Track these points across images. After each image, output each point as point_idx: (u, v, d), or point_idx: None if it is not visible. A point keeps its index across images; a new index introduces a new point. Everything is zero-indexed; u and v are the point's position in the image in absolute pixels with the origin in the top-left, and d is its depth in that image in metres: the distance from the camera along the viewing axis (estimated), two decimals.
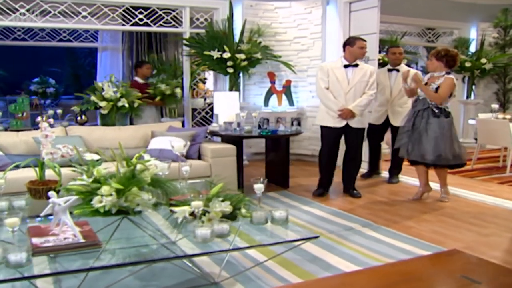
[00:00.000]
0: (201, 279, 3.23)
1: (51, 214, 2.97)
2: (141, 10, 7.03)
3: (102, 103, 5.81)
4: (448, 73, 5.01)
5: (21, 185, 3.76)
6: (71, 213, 2.89)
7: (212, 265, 3.46)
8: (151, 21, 7.12)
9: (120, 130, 5.52)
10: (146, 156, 3.51)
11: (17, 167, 3.92)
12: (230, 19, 6.97)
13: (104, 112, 5.88)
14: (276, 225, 3.15)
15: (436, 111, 4.97)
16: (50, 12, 6.45)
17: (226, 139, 5.64)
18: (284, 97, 7.55)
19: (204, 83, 8.19)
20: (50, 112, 6.26)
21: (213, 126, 5.82)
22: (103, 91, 5.88)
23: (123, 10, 6.93)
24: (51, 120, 3.80)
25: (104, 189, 3.10)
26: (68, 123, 6.02)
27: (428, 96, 4.97)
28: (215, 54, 6.77)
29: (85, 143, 5.22)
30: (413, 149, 5.06)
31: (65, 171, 3.63)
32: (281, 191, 5.64)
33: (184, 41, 7.13)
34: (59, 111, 6.48)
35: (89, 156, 3.44)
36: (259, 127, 5.73)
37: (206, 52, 6.85)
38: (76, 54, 10.99)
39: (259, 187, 3.28)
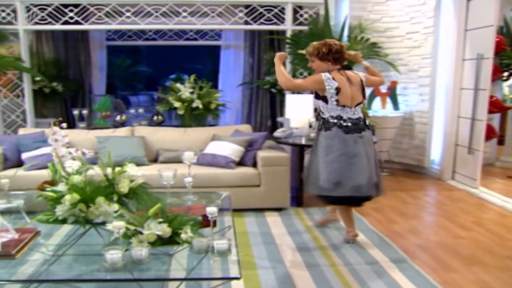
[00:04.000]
0: None
1: None
2: (241, 8, 6.93)
3: (177, 104, 5.84)
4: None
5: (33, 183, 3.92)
6: None
7: None
8: (252, 19, 6.98)
9: (184, 132, 5.48)
10: (131, 167, 3.38)
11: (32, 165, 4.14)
12: (327, 14, 6.45)
13: (180, 112, 5.91)
14: (214, 256, 2.76)
15: (320, 122, 3.94)
16: (152, 14, 6.73)
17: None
18: (388, 100, 6.76)
19: None
20: (132, 111, 6.52)
21: (278, 132, 5.44)
22: (180, 92, 5.90)
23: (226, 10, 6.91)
24: (64, 125, 3.92)
25: (66, 198, 3.07)
26: (148, 123, 6.21)
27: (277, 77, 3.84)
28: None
29: (147, 144, 5.30)
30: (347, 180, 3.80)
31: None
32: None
33: (287, 40, 6.85)
34: (141, 110, 6.70)
35: (69, 163, 3.45)
36: None
37: (299, 51, 6.46)
38: (218, 51, 11.36)
39: (211, 210, 2.92)
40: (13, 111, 6.55)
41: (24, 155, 4.80)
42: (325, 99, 3.84)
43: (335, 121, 3.85)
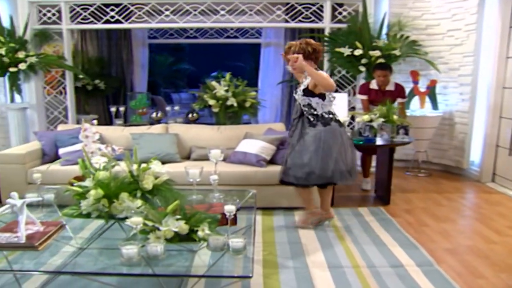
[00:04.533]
0: None
1: None
2: (279, 6, 6.92)
3: (211, 102, 5.89)
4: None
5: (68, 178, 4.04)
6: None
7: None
8: (290, 17, 6.98)
9: (218, 130, 5.52)
10: (156, 164, 3.45)
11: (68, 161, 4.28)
12: (365, 11, 6.37)
13: (215, 110, 5.96)
14: (231, 254, 2.78)
15: (312, 119, 4.00)
16: (191, 12, 6.83)
17: None
18: (427, 99, 6.60)
19: None
20: (168, 109, 6.62)
21: None
22: (215, 90, 5.95)
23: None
24: (95, 122, 4.03)
25: (91, 193, 3.17)
26: (183, 121, 6.29)
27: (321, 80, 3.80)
28: (346, 51, 6.28)
29: (180, 141, 5.37)
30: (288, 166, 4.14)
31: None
32: (376, 208, 4.94)
33: (325, 38, 6.79)
34: (176, 107, 6.79)
35: (96, 159, 3.54)
36: (360, 134, 5.12)
37: (337, 49, 6.40)
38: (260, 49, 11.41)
39: (229, 208, 2.94)
40: (56, 107, 6.79)
41: (61, 151, 4.96)
42: (322, 96, 3.99)
43: (331, 116, 4.05)
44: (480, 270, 3.50)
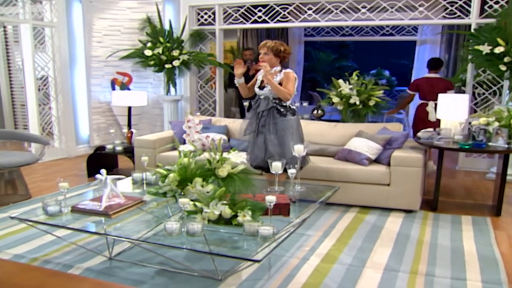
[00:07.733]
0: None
1: None
2: (422, 2, 6.71)
3: (335, 99, 6.03)
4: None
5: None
6: None
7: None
8: (433, 13, 6.72)
9: (334, 127, 5.64)
10: (234, 154, 3.85)
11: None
12: (511, 2, 5.84)
13: (340, 108, 6.08)
14: (260, 240, 3.02)
15: (282, 109, 4.51)
16: (332, 11, 7.01)
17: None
18: None
19: None
20: (296, 105, 6.86)
21: (423, 132, 5.20)
22: (340, 88, 6.08)
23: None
24: (198, 114, 4.49)
25: (170, 176, 3.70)
26: (310, 116, 6.51)
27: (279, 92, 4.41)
28: (484, 48, 5.87)
29: None
30: (258, 155, 4.57)
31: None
32: (481, 218, 4.61)
33: (469, 35, 6.41)
34: (305, 104, 6.97)
35: (183, 147, 4.05)
36: (473, 138, 4.81)
37: (476, 47, 6.01)
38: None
39: (270, 199, 3.18)
40: (207, 100, 7.57)
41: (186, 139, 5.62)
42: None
43: (294, 107, 4.64)
44: None
